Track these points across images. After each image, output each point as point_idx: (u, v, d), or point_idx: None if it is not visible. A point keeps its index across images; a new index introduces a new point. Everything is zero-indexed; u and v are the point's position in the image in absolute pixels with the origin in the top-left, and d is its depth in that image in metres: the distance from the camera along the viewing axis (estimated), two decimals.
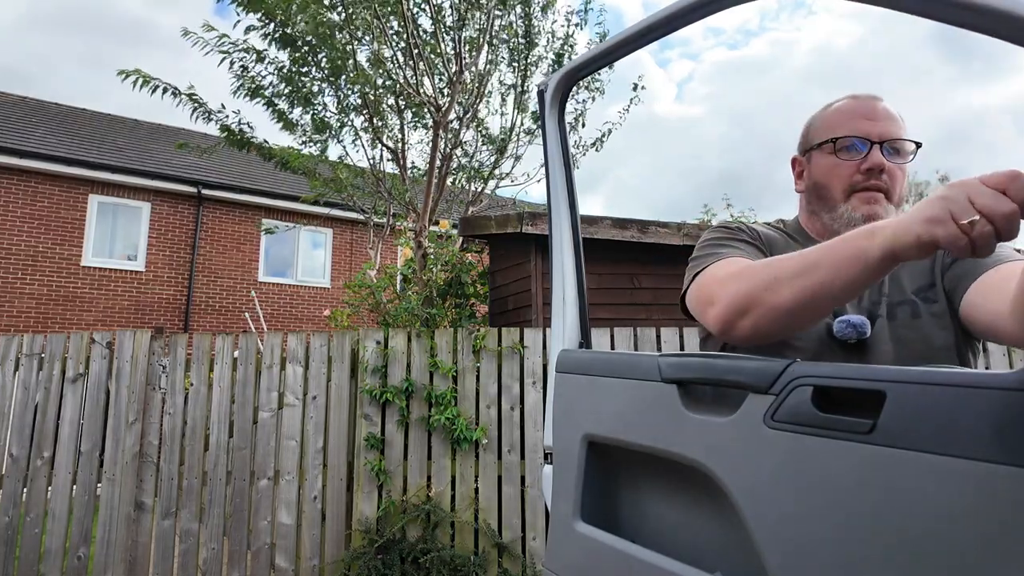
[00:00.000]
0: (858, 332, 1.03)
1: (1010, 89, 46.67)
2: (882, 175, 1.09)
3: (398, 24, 5.81)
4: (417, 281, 5.42)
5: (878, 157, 1.09)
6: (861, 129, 1.10)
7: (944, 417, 0.61)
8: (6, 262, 10.05)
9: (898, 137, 1.10)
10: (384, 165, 6.85)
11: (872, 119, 1.10)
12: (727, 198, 30.78)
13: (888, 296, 1.08)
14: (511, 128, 6.89)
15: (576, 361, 1.14)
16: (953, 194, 0.71)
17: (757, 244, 1.15)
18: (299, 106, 6.16)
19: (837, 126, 1.13)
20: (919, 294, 1.07)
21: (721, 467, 0.81)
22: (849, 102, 1.15)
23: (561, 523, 1.06)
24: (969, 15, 0.67)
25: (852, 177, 1.10)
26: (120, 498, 3.69)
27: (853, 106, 1.14)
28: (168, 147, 12.07)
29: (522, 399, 3.80)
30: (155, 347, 3.92)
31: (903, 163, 1.11)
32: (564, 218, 1.28)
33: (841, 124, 1.13)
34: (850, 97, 1.16)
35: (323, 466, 3.76)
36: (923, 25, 46.20)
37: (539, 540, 3.64)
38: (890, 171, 1.09)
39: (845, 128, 1.12)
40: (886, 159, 1.09)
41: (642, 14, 1.08)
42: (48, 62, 45.19)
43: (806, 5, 74.11)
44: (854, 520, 0.66)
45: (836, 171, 1.12)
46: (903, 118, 1.14)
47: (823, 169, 1.15)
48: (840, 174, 1.12)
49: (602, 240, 4.53)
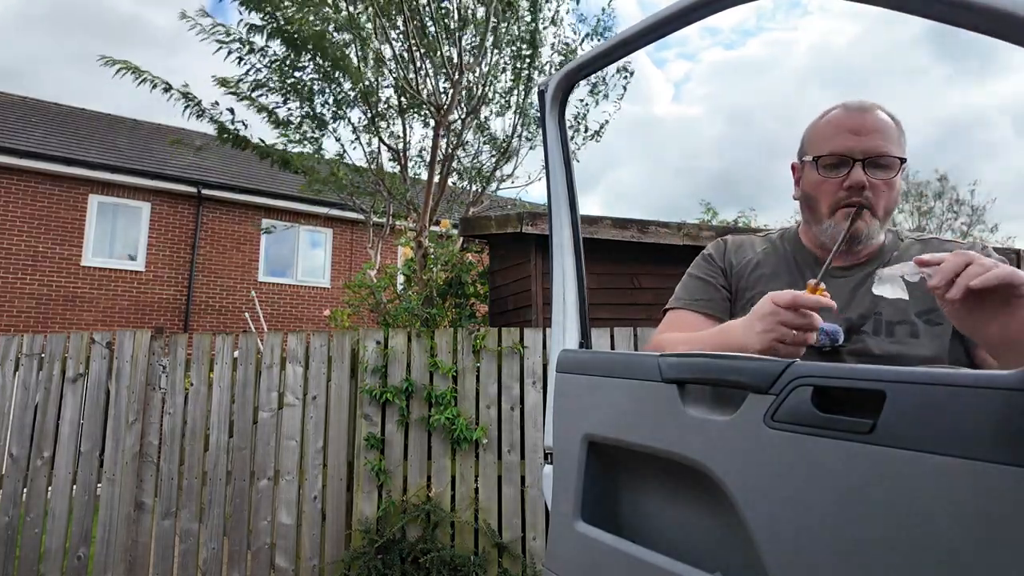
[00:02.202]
0: (832, 339, 1.07)
1: (1007, 88, 46.66)
2: (864, 192, 1.10)
3: (402, 24, 5.81)
4: (417, 281, 5.42)
5: (859, 176, 1.10)
6: (844, 146, 1.12)
7: (944, 417, 0.61)
8: (6, 262, 10.05)
9: (883, 153, 1.11)
10: (384, 164, 6.84)
11: (858, 133, 1.12)
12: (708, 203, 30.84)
13: (881, 314, 1.10)
14: (513, 130, 6.89)
15: (576, 361, 1.14)
16: (768, 319, 0.96)
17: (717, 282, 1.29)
18: (294, 100, 6.08)
19: (823, 141, 1.16)
20: (922, 316, 1.09)
21: (721, 467, 0.81)
22: (838, 114, 1.16)
23: (561, 523, 1.06)
24: (969, 15, 0.67)
25: (836, 193, 1.13)
26: (120, 498, 3.69)
27: (840, 119, 1.15)
28: (168, 147, 12.07)
29: (522, 399, 3.80)
30: (155, 347, 3.92)
31: (887, 178, 1.12)
32: (564, 218, 1.28)
33: (827, 139, 1.15)
34: (841, 107, 1.17)
35: (323, 466, 3.76)
36: (920, 24, 46.25)
37: (539, 540, 3.64)
38: (873, 187, 1.11)
39: (830, 144, 1.14)
40: (869, 176, 1.10)
41: (639, 14, 1.09)
42: (38, 60, 45.16)
43: (802, 5, 74.16)
44: (854, 520, 0.66)
45: (821, 187, 1.15)
46: (898, 124, 1.15)
47: (811, 183, 1.18)
48: (825, 190, 1.14)
49: (602, 240, 4.53)
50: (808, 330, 0.94)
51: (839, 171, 1.12)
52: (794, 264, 1.23)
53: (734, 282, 1.28)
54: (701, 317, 1.25)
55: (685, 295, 1.31)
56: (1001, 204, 42.15)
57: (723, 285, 1.28)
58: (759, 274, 1.25)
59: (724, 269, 1.30)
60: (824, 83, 59.81)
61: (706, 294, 1.28)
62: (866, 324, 1.10)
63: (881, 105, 1.17)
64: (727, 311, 1.26)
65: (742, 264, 1.28)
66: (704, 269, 1.32)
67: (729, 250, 1.32)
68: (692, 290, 1.30)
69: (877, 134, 1.11)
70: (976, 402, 0.60)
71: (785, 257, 1.25)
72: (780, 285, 1.19)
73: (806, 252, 1.24)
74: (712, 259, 1.32)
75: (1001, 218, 47.15)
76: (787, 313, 0.94)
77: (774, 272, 1.24)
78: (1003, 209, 44.85)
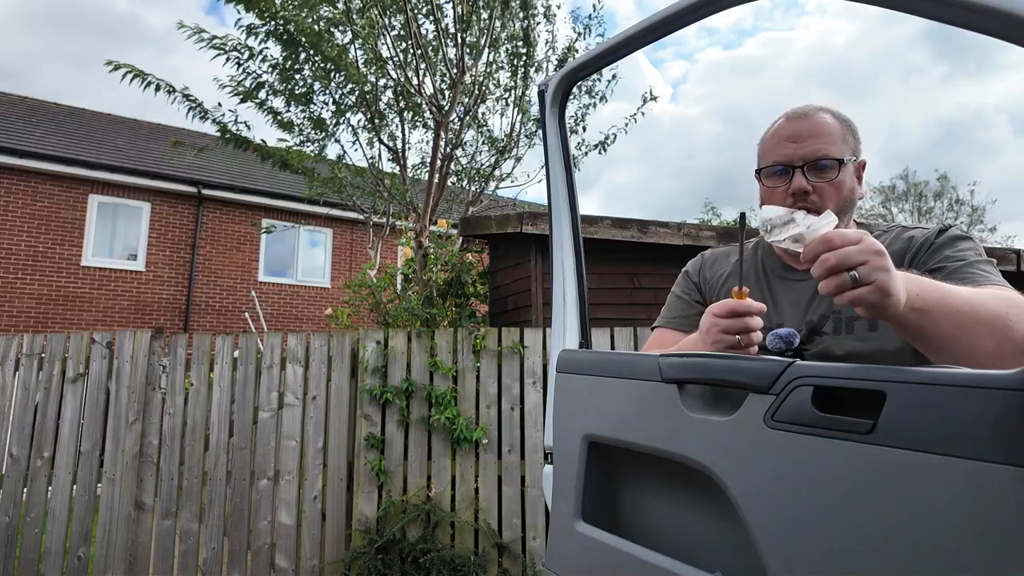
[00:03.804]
0: (786, 343, 1.09)
1: (1004, 87, 46.63)
2: (809, 196, 1.12)
3: (401, 26, 5.80)
4: (417, 281, 5.41)
5: (800, 182, 1.12)
6: (783, 155, 1.15)
7: (944, 417, 0.61)
8: (6, 262, 10.05)
9: (822, 156, 1.12)
10: (383, 164, 6.85)
11: (795, 140, 1.14)
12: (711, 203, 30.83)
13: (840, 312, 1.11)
14: (512, 128, 6.89)
15: (576, 361, 1.14)
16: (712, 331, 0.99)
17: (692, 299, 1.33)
18: (297, 104, 6.11)
19: (767, 152, 1.19)
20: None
21: (721, 467, 0.81)
22: (780, 124, 1.19)
23: (561, 523, 1.06)
24: (968, 15, 0.67)
25: (784, 202, 1.14)
26: (120, 498, 3.69)
27: (781, 129, 1.18)
28: (169, 148, 12.07)
29: (522, 399, 3.80)
30: (155, 347, 3.92)
31: (832, 179, 1.13)
32: (564, 218, 1.28)
33: (769, 150, 1.19)
34: (784, 117, 1.20)
35: (323, 466, 3.76)
36: (917, 23, 46.21)
37: (539, 540, 3.64)
38: (818, 190, 1.12)
39: (772, 155, 1.17)
40: (812, 179, 1.12)
41: (636, 14, 1.09)
42: (33, 59, 45.08)
43: (799, 4, 74.14)
44: (854, 520, 0.66)
45: (770, 197, 1.17)
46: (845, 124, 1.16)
47: (762, 194, 1.21)
48: (774, 199, 1.16)
49: (602, 240, 4.53)
50: (746, 331, 0.96)
51: (782, 180, 1.15)
52: (761, 272, 1.26)
53: (708, 297, 1.31)
54: (678, 334, 1.28)
55: (667, 313, 1.36)
56: (1000, 203, 42.17)
57: (698, 301, 1.32)
58: (729, 286, 1.28)
59: (699, 285, 1.34)
60: (823, 83, 59.82)
61: (682, 311, 1.33)
62: (826, 325, 1.11)
63: (827, 107, 1.18)
64: None
65: (715, 278, 1.32)
66: (682, 286, 1.37)
67: (705, 265, 1.36)
68: (672, 308, 1.36)
69: (815, 139, 1.13)
70: (975, 402, 0.60)
71: (755, 266, 1.28)
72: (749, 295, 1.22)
73: (773, 259, 1.26)
74: (688, 276, 1.37)
75: (1001, 218, 47.19)
76: (725, 321, 0.97)
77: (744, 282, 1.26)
78: (1003, 209, 44.89)
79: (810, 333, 1.12)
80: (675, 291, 1.38)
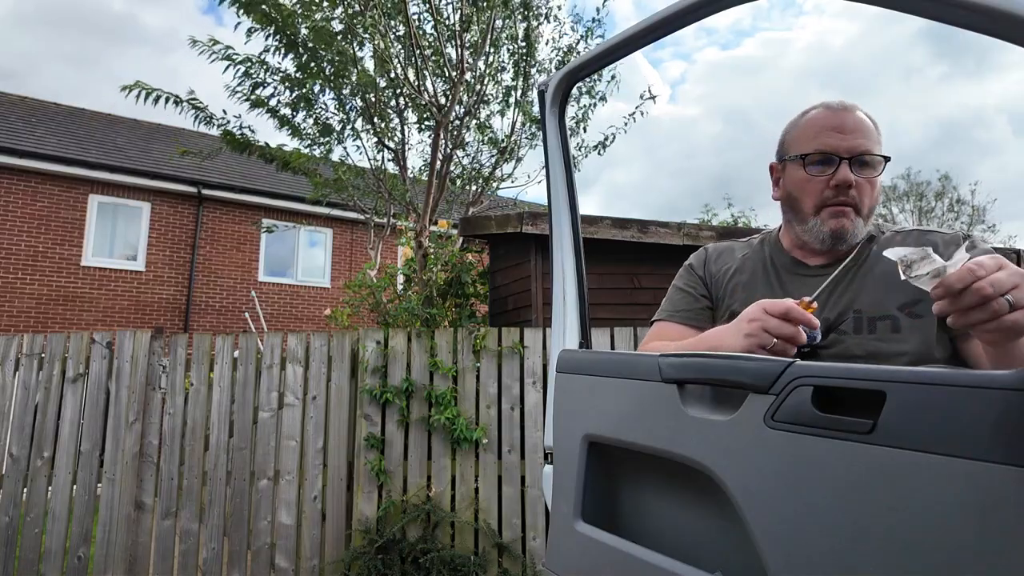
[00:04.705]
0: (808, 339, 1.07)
1: (1004, 86, 46.64)
2: (850, 190, 1.11)
3: (402, 27, 5.80)
4: (417, 281, 5.41)
5: (846, 173, 1.10)
6: (830, 144, 1.12)
7: (944, 417, 0.61)
8: (6, 262, 10.05)
9: (867, 152, 1.11)
10: (385, 165, 6.85)
11: (842, 132, 1.12)
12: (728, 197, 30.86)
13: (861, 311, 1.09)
14: (512, 127, 6.89)
15: (576, 361, 1.14)
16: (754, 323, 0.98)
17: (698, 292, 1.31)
18: (304, 110, 6.14)
19: (808, 139, 1.15)
20: (904, 309, 1.08)
21: (721, 467, 0.81)
22: (821, 112, 1.16)
23: (561, 523, 1.06)
24: (969, 15, 0.67)
25: (822, 192, 1.13)
26: (120, 498, 3.69)
27: (824, 117, 1.15)
28: (168, 147, 12.07)
29: (522, 399, 3.80)
30: (155, 347, 3.92)
31: (872, 177, 1.12)
32: (564, 218, 1.28)
33: (812, 137, 1.15)
34: (823, 106, 1.17)
35: (323, 466, 3.76)
36: (916, 23, 46.19)
37: (539, 540, 3.64)
38: (858, 186, 1.11)
39: (815, 142, 1.14)
40: (854, 175, 1.10)
41: (635, 14, 1.09)
42: (33, 59, 45.14)
43: (798, 4, 74.22)
44: (854, 520, 0.66)
45: (807, 186, 1.15)
46: (876, 125, 1.15)
47: (795, 182, 1.18)
48: (810, 189, 1.14)
49: (602, 240, 4.53)
50: (791, 342, 0.96)
51: (825, 169, 1.12)
52: (770, 266, 1.24)
53: (714, 291, 1.29)
54: (684, 328, 1.27)
55: (669, 307, 1.34)
56: (1000, 203, 42.17)
57: (703, 295, 1.30)
58: (736, 281, 1.26)
59: (704, 279, 1.32)
60: (822, 83, 59.82)
61: (687, 305, 1.31)
62: (845, 323, 1.09)
63: (859, 106, 1.17)
64: (709, 320, 1.27)
65: (721, 272, 1.30)
66: (685, 280, 1.34)
67: (710, 259, 1.33)
68: (675, 301, 1.33)
69: (860, 133, 1.12)
70: (975, 402, 0.60)
71: (762, 261, 1.26)
72: (755, 290, 1.20)
73: (783, 254, 1.24)
74: (693, 269, 1.34)
75: (1001, 218, 47.18)
76: (775, 321, 0.96)
77: (751, 278, 1.24)
78: (1003, 209, 44.88)
79: (827, 331, 1.09)
80: (678, 284, 1.35)
